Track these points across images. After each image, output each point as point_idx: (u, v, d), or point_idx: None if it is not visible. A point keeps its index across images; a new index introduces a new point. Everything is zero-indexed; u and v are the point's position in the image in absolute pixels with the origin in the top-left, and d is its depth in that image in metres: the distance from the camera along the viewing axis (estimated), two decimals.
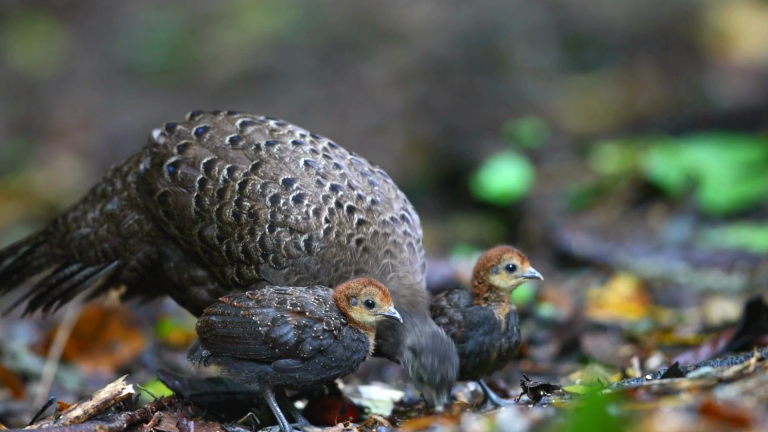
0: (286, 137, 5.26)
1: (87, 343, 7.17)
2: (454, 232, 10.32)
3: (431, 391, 5.07)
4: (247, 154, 5.19)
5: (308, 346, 5.01)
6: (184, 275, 5.31)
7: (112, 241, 5.43)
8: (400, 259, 5.20)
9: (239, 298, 5.09)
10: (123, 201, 5.42)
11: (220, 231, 5.15)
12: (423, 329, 5.10)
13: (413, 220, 5.32)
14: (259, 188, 5.12)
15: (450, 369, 5.06)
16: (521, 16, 13.95)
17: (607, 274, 8.17)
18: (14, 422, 6.37)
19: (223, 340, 5.06)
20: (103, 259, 5.45)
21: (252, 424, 5.17)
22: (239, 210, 5.12)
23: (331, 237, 5.11)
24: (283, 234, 5.10)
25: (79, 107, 13.61)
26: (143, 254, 5.39)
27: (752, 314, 6.02)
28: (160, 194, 5.25)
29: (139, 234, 5.38)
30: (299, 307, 5.03)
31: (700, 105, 12.50)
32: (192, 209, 5.19)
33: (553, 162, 10.61)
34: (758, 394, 4.39)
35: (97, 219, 5.46)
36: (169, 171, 5.24)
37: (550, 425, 4.22)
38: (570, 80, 13.34)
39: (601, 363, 6.46)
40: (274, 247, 5.10)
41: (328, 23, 14.25)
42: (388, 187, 5.33)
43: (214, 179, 5.17)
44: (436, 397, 5.08)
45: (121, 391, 5.18)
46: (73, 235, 5.51)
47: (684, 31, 13.79)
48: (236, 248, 5.14)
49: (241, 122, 5.28)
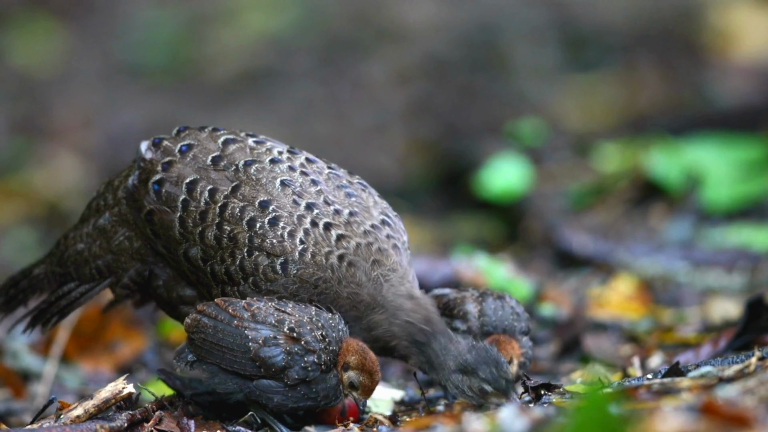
0: (264, 155, 5.26)
1: (88, 343, 7.17)
2: (454, 232, 10.32)
3: (500, 396, 5.06)
4: (227, 176, 5.20)
5: (294, 374, 4.98)
6: (173, 294, 5.34)
7: (105, 258, 5.44)
8: (389, 266, 5.18)
9: (234, 306, 5.06)
10: (114, 216, 5.44)
11: (203, 253, 5.17)
12: (458, 348, 5.09)
13: (395, 223, 5.30)
14: (238, 212, 5.14)
15: (505, 367, 5.06)
16: (521, 15, 13.94)
17: (608, 274, 8.17)
18: (15, 421, 6.36)
19: (210, 345, 5.04)
20: (97, 276, 5.48)
21: (253, 424, 5.16)
22: (220, 234, 5.14)
23: (307, 258, 5.10)
24: (260, 258, 5.11)
25: (80, 107, 13.61)
26: (135, 272, 5.40)
27: (753, 313, 6.02)
28: (146, 212, 5.27)
29: (130, 251, 5.40)
30: (296, 334, 5.00)
31: (700, 104, 12.50)
32: (176, 230, 5.21)
33: (553, 161, 10.60)
34: (759, 394, 4.39)
35: (90, 234, 5.48)
36: (154, 189, 5.26)
37: (550, 424, 4.22)
38: (570, 80, 13.34)
39: (601, 362, 6.46)
40: (252, 271, 5.11)
41: (328, 23, 14.24)
42: (366, 195, 5.30)
43: (196, 200, 5.19)
44: (509, 397, 5.07)
45: (122, 390, 5.18)
46: (69, 252, 5.54)
47: (684, 30, 13.78)
48: (220, 270, 5.15)
49: (224, 140, 5.29)
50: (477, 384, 5.05)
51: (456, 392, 5.09)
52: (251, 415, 5.17)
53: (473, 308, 5.32)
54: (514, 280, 7.35)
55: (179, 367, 5.11)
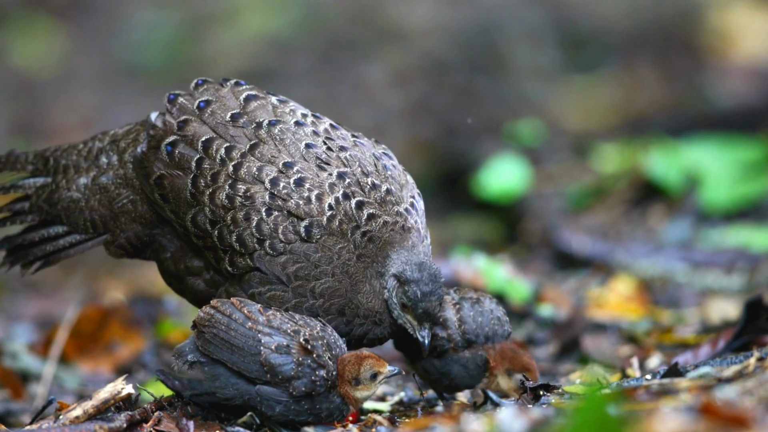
0: (288, 116, 5.11)
1: (87, 343, 7.17)
2: (453, 232, 10.32)
3: (412, 320, 5.01)
4: (246, 133, 5.04)
5: (302, 386, 4.94)
6: (181, 265, 5.22)
7: (103, 213, 5.30)
8: (405, 246, 5.08)
9: (250, 307, 5.01)
10: (118, 179, 5.29)
11: (212, 215, 5.01)
12: (410, 258, 4.99)
13: (419, 207, 5.16)
14: (255, 170, 4.97)
15: (435, 304, 4.98)
16: (521, 16, 13.95)
17: (607, 274, 8.17)
18: (14, 422, 6.37)
19: (220, 342, 5.00)
20: (91, 229, 5.32)
21: (252, 424, 5.16)
22: (233, 193, 4.97)
23: (334, 225, 4.96)
24: (281, 218, 4.95)
25: (79, 107, 13.61)
26: (133, 234, 5.27)
27: (752, 314, 6.02)
28: (156, 177, 5.12)
29: (132, 214, 5.26)
30: (310, 346, 4.95)
31: (699, 105, 12.51)
32: (188, 191, 5.05)
33: (552, 162, 10.61)
34: (758, 394, 4.39)
35: (89, 188, 5.33)
36: (167, 150, 5.09)
37: (549, 425, 4.22)
38: (570, 80, 13.34)
39: (600, 363, 6.46)
40: (271, 232, 4.95)
41: (328, 23, 14.25)
42: (398, 172, 5.17)
43: (212, 158, 5.02)
44: (416, 329, 5.01)
45: (121, 390, 5.17)
46: (61, 194, 5.37)
47: (684, 31, 13.79)
48: (229, 235, 5.01)
49: (246, 96, 5.12)
50: (400, 294, 4.96)
51: (386, 296, 4.99)
52: (250, 416, 5.17)
53: (452, 315, 5.27)
54: (513, 280, 7.35)
55: (178, 365, 5.09)
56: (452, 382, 5.27)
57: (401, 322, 5.06)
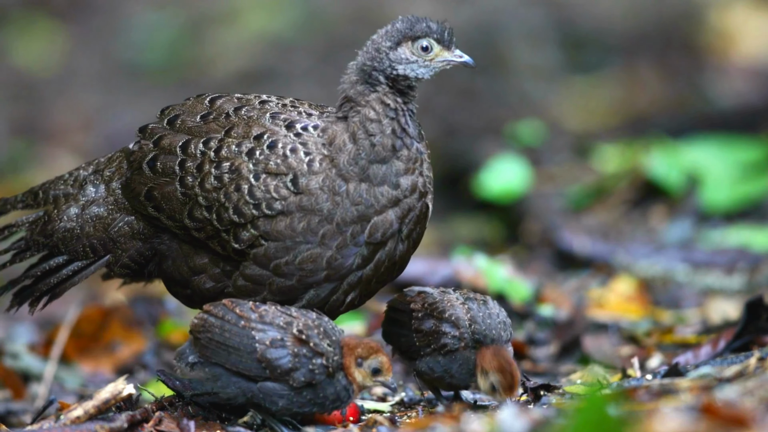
0: (254, 100, 5.33)
1: (87, 343, 7.17)
2: (454, 233, 10.32)
3: (440, 52, 5.58)
4: (219, 124, 5.25)
5: (301, 377, 4.96)
6: (183, 267, 5.27)
7: (101, 237, 5.39)
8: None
9: (242, 306, 5.04)
10: (110, 205, 5.40)
11: (206, 201, 5.16)
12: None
13: None
14: (234, 147, 5.17)
15: (444, 24, 5.53)
16: (521, 16, 13.95)
17: (608, 274, 8.18)
18: (15, 422, 6.37)
19: (216, 345, 5.02)
20: (91, 254, 5.40)
21: (253, 424, 5.17)
22: (220, 173, 5.15)
23: (315, 167, 5.14)
24: (269, 179, 5.12)
25: (79, 107, 13.62)
26: (135, 251, 5.36)
27: (752, 314, 6.03)
28: (145, 192, 5.26)
29: (130, 233, 5.36)
30: (304, 336, 4.98)
31: (700, 105, 12.51)
32: (179, 192, 5.20)
33: (553, 162, 10.61)
34: (758, 394, 4.39)
35: (82, 217, 5.41)
36: (149, 167, 5.26)
37: (550, 425, 4.22)
38: (570, 80, 13.34)
39: (601, 363, 6.46)
40: (264, 194, 5.12)
41: (328, 23, 14.25)
42: None
43: (193, 156, 5.21)
44: (450, 55, 5.56)
45: (122, 391, 5.18)
46: (55, 225, 5.44)
47: (684, 31, 13.79)
48: (226, 212, 5.13)
49: (210, 98, 5.36)
50: (416, 48, 5.60)
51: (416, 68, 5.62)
52: (251, 416, 5.18)
53: (463, 314, 5.28)
54: (513, 280, 7.35)
55: (179, 367, 5.10)
56: (453, 380, 5.28)
57: (433, 69, 5.64)
